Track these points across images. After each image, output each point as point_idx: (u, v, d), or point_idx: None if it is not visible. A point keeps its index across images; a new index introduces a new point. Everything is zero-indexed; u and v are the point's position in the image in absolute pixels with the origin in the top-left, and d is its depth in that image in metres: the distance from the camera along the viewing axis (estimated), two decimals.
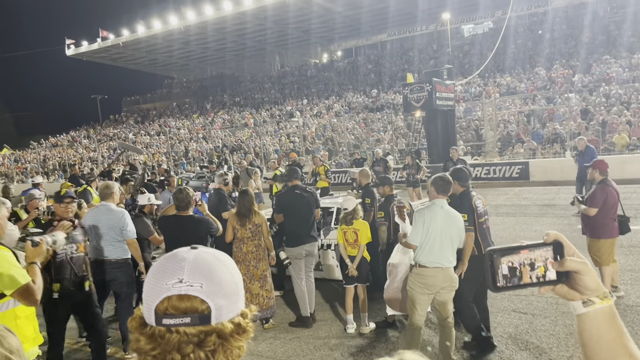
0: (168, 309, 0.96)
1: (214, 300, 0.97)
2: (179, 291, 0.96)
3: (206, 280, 0.97)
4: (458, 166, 5.56)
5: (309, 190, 6.27)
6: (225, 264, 1.03)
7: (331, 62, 49.39)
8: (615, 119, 19.76)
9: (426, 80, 19.15)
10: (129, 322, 1.01)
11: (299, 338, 5.59)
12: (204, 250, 1.04)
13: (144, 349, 0.96)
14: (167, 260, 1.01)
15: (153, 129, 44.16)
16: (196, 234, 4.96)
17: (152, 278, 1.00)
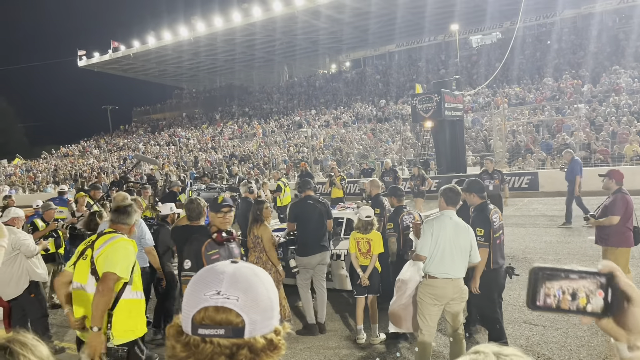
0: (204, 319, 0.99)
1: (248, 315, 0.99)
2: (216, 303, 0.99)
3: (243, 294, 1.00)
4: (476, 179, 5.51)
5: (321, 200, 6.33)
6: (262, 280, 1.05)
7: (339, 73, 49.60)
8: (625, 129, 19.68)
9: (435, 90, 19.21)
10: (167, 329, 1.05)
11: (309, 348, 5.61)
12: (243, 264, 1.07)
13: (179, 356, 1.00)
14: (207, 272, 1.05)
15: (163, 139, 44.47)
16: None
17: (191, 288, 1.04)
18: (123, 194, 6.10)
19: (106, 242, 3.50)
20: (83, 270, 3.48)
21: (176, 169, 31.17)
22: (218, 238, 4.07)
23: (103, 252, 3.43)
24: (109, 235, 3.59)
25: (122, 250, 3.47)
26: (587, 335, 5.30)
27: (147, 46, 45.40)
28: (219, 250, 4.04)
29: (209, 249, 4.02)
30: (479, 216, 4.90)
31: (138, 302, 3.61)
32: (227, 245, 4.12)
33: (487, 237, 4.76)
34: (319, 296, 6.18)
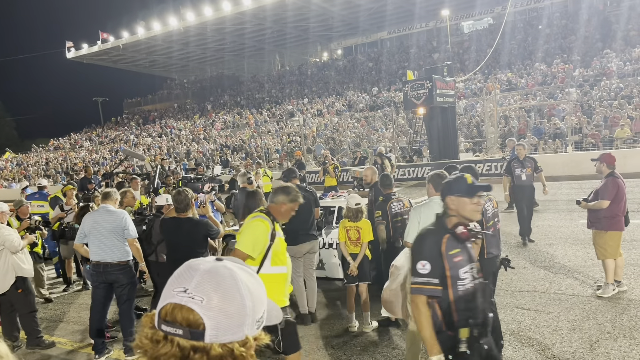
0: (167, 315, 0.94)
1: (212, 319, 0.92)
2: (180, 300, 0.94)
3: (210, 296, 0.93)
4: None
5: (308, 189, 6.28)
6: (240, 284, 0.97)
7: (331, 61, 49.37)
8: (617, 113, 19.71)
9: (426, 77, 19.13)
10: (143, 317, 1.00)
11: (301, 337, 5.56)
12: (227, 264, 0.99)
13: (143, 347, 0.95)
14: (184, 267, 0.99)
15: (154, 130, 44.20)
16: (193, 236, 4.95)
17: (169, 281, 0.99)
18: (108, 189, 6.00)
19: (250, 218, 3.80)
20: None
21: (168, 160, 31.00)
22: (463, 234, 2.91)
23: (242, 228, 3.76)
24: (253, 214, 3.84)
25: (252, 227, 3.70)
26: (579, 319, 5.30)
27: (137, 37, 44.95)
28: (460, 250, 2.92)
29: (450, 248, 2.92)
30: None
31: (276, 277, 3.78)
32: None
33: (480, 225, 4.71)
34: (309, 285, 6.16)
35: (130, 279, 5.52)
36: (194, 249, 4.93)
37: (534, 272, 7.11)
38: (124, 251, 5.45)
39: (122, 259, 5.44)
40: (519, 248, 8.38)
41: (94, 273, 5.56)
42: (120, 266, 5.43)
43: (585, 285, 6.32)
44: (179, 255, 4.95)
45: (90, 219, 5.53)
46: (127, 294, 5.48)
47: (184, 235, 4.96)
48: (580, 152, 17.79)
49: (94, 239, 5.41)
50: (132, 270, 5.56)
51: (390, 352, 5.07)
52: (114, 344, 5.85)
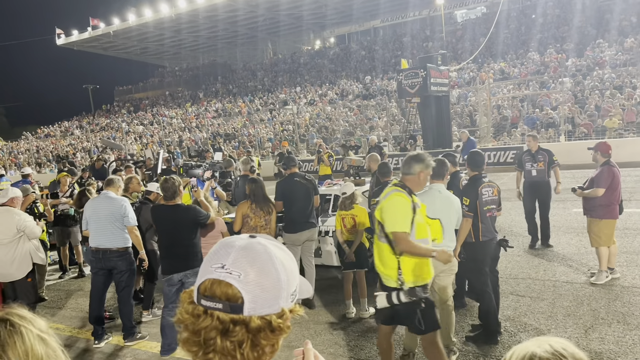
0: (207, 290, 0.98)
1: (250, 292, 0.96)
2: (218, 276, 0.97)
3: (247, 270, 0.97)
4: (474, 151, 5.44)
5: (307, 177, 6.30)
6: (274, 259, 1.00)
7: (324, 49, 49.12)
8: (609, 103, 19.84)
9: (420, 66, 19.11)
10: (182, 294, 1.03)
11: (299, 324, 5.63)
12: (260, 240, 1.03)
13: (185, 321, 0.99)
14: (221, 245, 1.03)
15: (146, 118, 43.90)
16: (182, 223, 4.94)
17: (206, 258, 1.03)
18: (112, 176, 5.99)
19: (385, 195, 3.67)
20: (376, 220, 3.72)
21: (160, 148, 30.84)
22: None
23: (381, 205, 3.65)
24: (390, 188, 3.70)
25: (396, 205, 3.57)
26: (573, 306, 5.38)
27: (128, 23, 44.46)
28: None
29: None
30: (468, 186, 4.91)
31: None
32: None
33: (472, 208, 4.76)
34: (307, 272, 6.20)
35: (129, 266, 5.52)
36: (183, 235, 4.94)
37: (529, 259, 7.19)
38: (123, 238, 5.45)
39: (121, 245, 5.44)
40: (514, 236, 8.46)
41: (93, 260, 5.56)
42: (119, 253, 5.43)
43: (579, 273, 6.41)
44: (169, 242, 4.98)
45: (90, 205, 5.53)
46: (125, 280, 5.49)
47: (173, 222, 4.95)
48: (572, 141, 17.92)
49: (94, 225, 5.41)
50: (131, 257, 5.56)
51: None
52: (113, 330, 5.87)
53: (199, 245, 5.08)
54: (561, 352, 1.06)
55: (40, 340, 0.98)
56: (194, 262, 4.93)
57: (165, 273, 5.03)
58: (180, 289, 4.97)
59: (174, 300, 4.96)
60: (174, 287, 4.98)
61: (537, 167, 7.78)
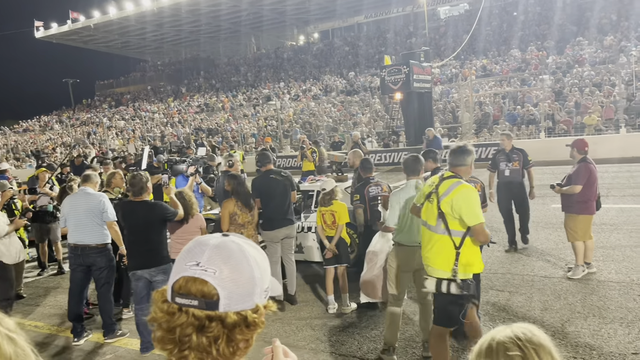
0: (181, 288, 0.99)
1: (225, 289, 0.98)
2: (193, 273, 0.99)
3: (222, 267, 0.99)
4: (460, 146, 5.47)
5: (283, 174, 6.25)
6: (248, 256, 1.03)
7: (307, 45, 49.01)
8: (588, 100, 20.13)
9: (403, 62, 19.19)
10: (154, 293, 1.05)
11: (281, 320, 5.65)
12: (233, 238, 1.05)
13: (159, 321, 1.00)
14: (195, 243, 1.05)
15: (128, 113, 43.39)
16: (149, 220, 4.92)
17: (179, 257, 1.04)
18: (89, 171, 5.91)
19: (449, 188, 3.66)
20: (430, 212, 3.76)
21: (142, 144, 30.54)
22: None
23: (449, 198, 3.62)
24: (451, 181, 3.70)
25: (470, 197, 3.61)
26: (550, 300, 5.47)
27: (109, 16, 43.82)
28: None
29: None
30: None
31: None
32: None
33: None
34: (288, 269, 6.20)
35: (109, 262, 5.47)
36: (150, 232, 4.93)
37: (508, 255, 7.29)
38: (102, 234, 5.40)
39: (100, 241, 5.39)
40: (493, 232, 8.54)
41: (71, 256, 5.51)
42: (98, 249, 5.38)
43: (556, 267, 6.51)
44: (136, 238, 4.96)
45: (68, 202, 5.46)
46: (105, 277, 5.44)
47: (140, 219, 4.92)
48: (552, 138, 18.16)
49: (72, 221, 5.35)
50: (110, 253, 5.51)
51: (369, 332, 5.16)
52: (93, 328, 5.82)
53: (165, 243, 5.08)
54: (519, 335, 1.11)
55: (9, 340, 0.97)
56: (160, 260, 4.91)
57: (130, 269, 5.04)
58: (149, 286, 4.95)
59: (145, 297, 4.94)
60: (140, 283, 4.96)
61: (511, 166, 7.50)
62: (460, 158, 3.84)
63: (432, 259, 3.75)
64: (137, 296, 5.05)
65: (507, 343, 1.14)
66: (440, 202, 3.66)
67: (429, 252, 3.78)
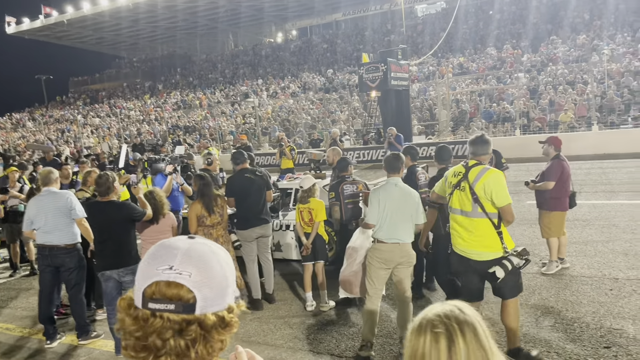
0: (155, 293, 0.98)
1: (200, 291, 0.98)
2: (168, 277, 0.98)
3: (196, 270, 0.99)
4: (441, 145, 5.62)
5: (258, 172, 6.19)
6: (218, 257, 1.04)
7: (286, 42, 48.86)
8: (562, 98, 20.49)
9: (381, 60, 19.26)
10: (119, 301, 1.02)
11: (259, 318, 5.62)
12: (200, 240, 1.05)
13: (129, 329, 0.98)
14: (162, 247, 1.03)
15: (103, 110, 42.69)
16: (116, 220, 4.84)
17: (145, 262, 1.02)
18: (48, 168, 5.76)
19: (480, 174, 3.97)
20: (465, 199, 4.03)
21: (118, 142, 30.09)
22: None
23: (481, 182, 3.93)
24: (479, 168, 4.02)
25: (500, 181, 3.95)
26: (525, 295, 5.55)
27: (82, 12, 42.98)
28: None
29: None
30: (433, 179, 5.00)
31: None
32: None
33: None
34: (265, 268, 6.17)
35: (78, 263, 5.35)
36: (118, 232, 4.86)
37: None
38: (71, 233, 5.28)
39: (69, 241, 5.27)
40: None
41: (40, 257, 5.38)
42: (67, 249, 5.26)
43: (531, 263, 6.59)
44: (103, 238, 4.89)
45: (34, 203, 5.33)
46: (75, 278, 5.32)
47: (107, 219, 4.84)
48: (527, 135, 18.44)
49: (40, 222, 5.22)
50: (79, 253, 5.39)
51: (347, 330, 5.17)
52: (66, 330, 5.71)
53: (133, 243, 5.00)
54: (447, 313, 1.13)
55: None
56: (128, 260, 4.84)
57: (99, 269, 4.96)
58: (119, 286, 4.88)
59: (115, 298, 4.87)
60: (110, 283, 4.88)
61: None
62: (485, 147, 4.18)
63: (478, 243, 4.01)
64: (108, 297, 4.97)
65: (434, 320, 1.17)
66: (474, 187, 3.95)
67: (472, 237, 4.02)
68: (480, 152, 4.16)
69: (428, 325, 1.18)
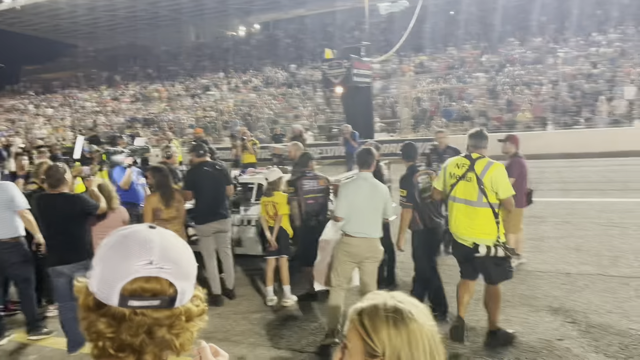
0: (136, 290, 0.93)
1: (180, 283, 0.97)
2: (149, 273, 0.94)
3: (174, 262, 0.97)
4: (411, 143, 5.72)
5: (218, 167, 6.06)
6: (185, 246, 1.03)
7: (249, 36, 48.35)
8: (519, 98, 21.07)
9: (344, 56, 19.29)
10: (81, 302, 0.97)
11: (219, 314, 5.53)
12: (163, 230, 1.03)
13: (104, 331, 0.93)
14: (130, 240, 0.97)
15: (57, 100, 41.23)
16: (67, 213, 4.64)
17: (115, 257, 0.95)
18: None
19: (487, 166, 4.29)
20: (471, 189, 4.30)
21: (72, 133, 29.12)
22: None
23: (488, 174, 4.25)
24: (484, 160, 4.33)
25: (504, 174, 4.32)
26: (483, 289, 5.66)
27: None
28: None
29: None
30: (404, 178, 5.03)
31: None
32: None
33: (410, 198, 4.88)
34: (225, 263, 6.08)
35: (23, 257, 5.11)
36: (70, 226, 4.66)
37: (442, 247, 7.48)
38: (12, 227, 5.03)
39: (11, 235, 5.03)
40: None
41: None
42: (9, 244, 5.02)
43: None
44: (55, 232, 4.68)
45: None
46: (22, 273, 5.10)
47: (58, 212, 4.64)
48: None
49: None
50: (24, 247, 5.13)
51: (308, 325, 5.15)
52: (16, 326, 5.47)
53: (87, 237, 4.81)
54: (376, 303, 1.09)
55: None
56: (81, 255, 4.65)
57: (49, 265, 4.74)
58: (71, 282, 4.70)
59: (67, 294, 4.70)
60: (61, 279, 4.69)
61: None
62: (484, 141, 4.50)
63: (478, 229, 4.30)
64: (60, 293, 4.76)
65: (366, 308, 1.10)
66: (483, 178, 4.25)
67: (473, 224, 4.31)
68: (480, 145, 4.46)
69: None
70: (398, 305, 1.07)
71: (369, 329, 1.05)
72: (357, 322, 1.08)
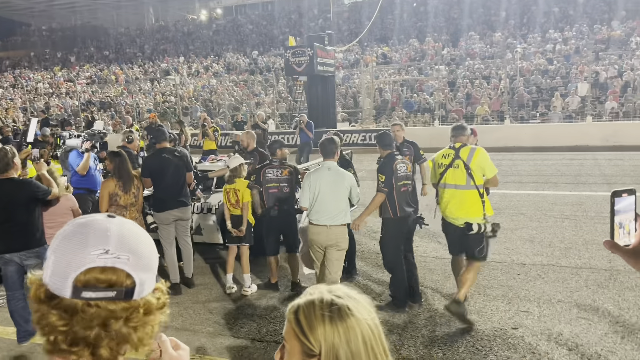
0: (90, 281, 0.88)
1: (138, 274, 0.92)
2: (105, 263, 0.89)
3: (132, 252, 0.92)
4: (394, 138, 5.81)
5: (178, 153, 5.89)
6: (145, 236, 0.98)
7: (210, 20, 47.41)
8: (478, 92, 21.50)
9: (308, 44, 19.19)
10: (32, 293, 0.91)
11: (177, 303, 5.43)
12: (123, 219, 0.97)
13: (56, 324, 0.88)
14: (87, 229, 0.92)
15: (6, 80, 39.42)
16: (14, 198, 4.43)
17: (69, 247, 0.90)
18: None
19: (471, 152, 4.69)
20: (460, 175, 4.70)
21: (23, 115, 27.94)
22: None
23: (475, 159, 4.66)
24: (467, 148, 4.74)
25: (487, 156, 4.71)
26: (441, 279, 5.77)
27: None
28: None
29: None
30: (384, 164, 5.05)
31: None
32: None
33: (387, 183, 4.90)
34: (184, 252, 5.96)
35: None
36: (18, 212, 4.45)
37: None
38: None
39: None
40: None
41: None
42: None
43: (447, 249, 6.86)
44: (3, 219, 4.44)
45: None
46: None
47: (6, 198, 4.41)
48: (445, 126, 19.18)
49: None
50: None
51: (269, 314, 5.13)
52: None
53: (38, 224, 4.59)
54: (312, 299, 1.06)
55: None
56: (32, 242, 4.47)
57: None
58: (20, 270, 4.52)
59: (17, 283, 4.51)
60: (10, 267, 4.49)
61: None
62: (463, 131, 4.87)
63: (467, 211, 4.69)
64: (9, 282, 4.55)
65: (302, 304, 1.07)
66: (470, 164, 4.63)
67: (463, 206, 4.70)
68: (459, 135, 4.85)
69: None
70: (335, 301, 1.04)
71: (304, 327, 1.02)
72: (293, 321, 1.05)
